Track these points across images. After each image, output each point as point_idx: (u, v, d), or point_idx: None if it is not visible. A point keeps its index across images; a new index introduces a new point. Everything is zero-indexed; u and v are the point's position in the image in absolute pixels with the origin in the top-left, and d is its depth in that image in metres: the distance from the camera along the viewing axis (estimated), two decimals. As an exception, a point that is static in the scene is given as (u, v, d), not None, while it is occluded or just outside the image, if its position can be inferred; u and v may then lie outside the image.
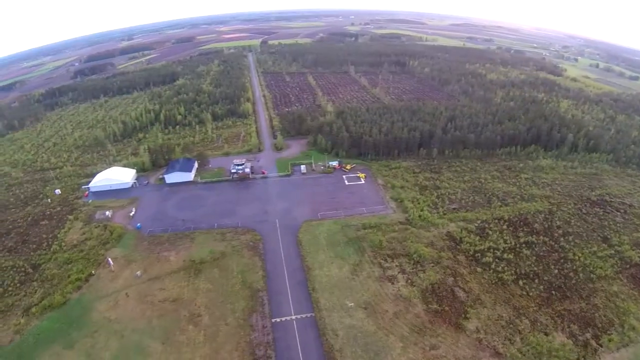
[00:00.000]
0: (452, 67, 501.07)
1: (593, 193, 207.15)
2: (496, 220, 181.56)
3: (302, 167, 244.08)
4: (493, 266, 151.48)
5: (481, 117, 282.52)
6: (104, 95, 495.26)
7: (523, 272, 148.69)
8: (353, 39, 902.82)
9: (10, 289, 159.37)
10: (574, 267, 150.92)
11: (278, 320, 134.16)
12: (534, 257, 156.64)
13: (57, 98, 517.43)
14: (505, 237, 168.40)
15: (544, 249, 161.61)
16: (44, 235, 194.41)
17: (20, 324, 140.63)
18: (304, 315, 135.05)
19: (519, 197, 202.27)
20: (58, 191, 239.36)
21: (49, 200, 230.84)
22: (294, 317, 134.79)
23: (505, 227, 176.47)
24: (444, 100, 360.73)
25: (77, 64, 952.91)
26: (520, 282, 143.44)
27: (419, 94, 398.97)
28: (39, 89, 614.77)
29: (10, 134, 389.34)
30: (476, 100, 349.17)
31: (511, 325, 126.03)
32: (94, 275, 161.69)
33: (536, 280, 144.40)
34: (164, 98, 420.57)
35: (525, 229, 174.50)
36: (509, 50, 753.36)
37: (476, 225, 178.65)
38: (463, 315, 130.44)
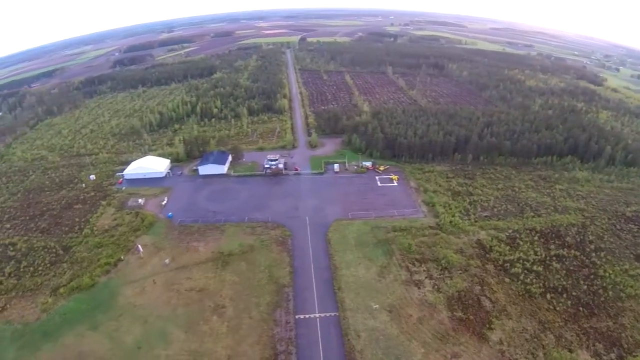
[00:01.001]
0: (490, 71, 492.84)
1: (629, 209, 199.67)
2: (528, 231, 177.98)
3: (336, 165, 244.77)
4: (521, 277, 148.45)
5: (518, 124, 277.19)
6: (142, 86, 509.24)
7: (551, 285, 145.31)
8: (392, 39, 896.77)
9: (40, 268, 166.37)
10: (604, 284, 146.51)
11: (302, 317, 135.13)
12: (564, 271, 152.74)
13: (96, 86, 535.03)
14: (535, 249, 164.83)
15: (574, 263, 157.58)
16: (77, 219, 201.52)
17: (47, 303, 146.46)
18: (327, 314, 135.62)
19: (552, 208, 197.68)
20: (93, 177, 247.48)
21: (84, 185, 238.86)
22: (317, 315, 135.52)
23: (536, 238, 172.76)
24: (481, 105, 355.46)
25: (117, 53, 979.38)
26: (548, 296, 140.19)
27: (456, 97, 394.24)
28: (78, 77, 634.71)
29: (49, 119, 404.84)
30: (514, 107, 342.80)
31: (535, 340, 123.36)
32: (122, 260, 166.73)
33: (564, 295, 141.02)
34: (201, 91, 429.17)
35: (556, 242, 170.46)
36: (549, 57, 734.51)
37: (507, 234, 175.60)
38: (487, 326, 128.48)
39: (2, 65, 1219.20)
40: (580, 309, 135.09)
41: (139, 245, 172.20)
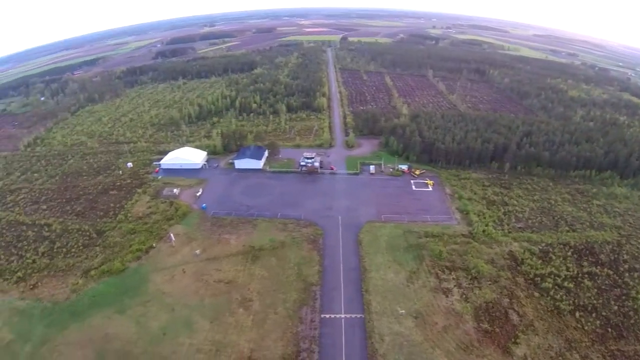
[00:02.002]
0: (532, 79, 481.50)
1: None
2: (561, 245, 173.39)
3: (372, 167, 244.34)
4: (551, 293, 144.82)
5: (558, 135, 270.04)
6: (183, 78, 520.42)
7: (581, 303, 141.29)
8: (433, 42, 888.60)
9: (73, 250, 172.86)
10: (635, 306, 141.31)
11: (327, 316, 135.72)
12: (595, 290, 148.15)
13: (138, 76, 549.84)
14: (568, 264, 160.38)
15: (606, 282, 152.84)
16: (112, 205, 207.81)
17: (78, 284, 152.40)
18: (353, 315, 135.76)
19: (588, 223, 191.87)
20: (130, 164, 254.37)
21: (121, 172, 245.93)
22: (343, 316, 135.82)
23: (569, 253, 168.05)
24: (522, 113, 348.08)
25: (159, 45, 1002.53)
26: (577, 314, 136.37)
27: (496, 104, 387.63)
28: (120, 66, 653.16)
29: (90, 106, 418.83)
30: (554, 117, 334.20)
31: (560, 358, 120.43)
32: (154, 248, 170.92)
33: (593, 314, 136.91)
34: (241, 85, 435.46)
35: (590, 259, 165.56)
36: (593, 67, 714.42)
37: (540, 247, 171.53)
38: (513, 340, 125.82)
39: (46, 52, 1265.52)
40: (609, 330, 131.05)
41: (171, 234, 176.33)
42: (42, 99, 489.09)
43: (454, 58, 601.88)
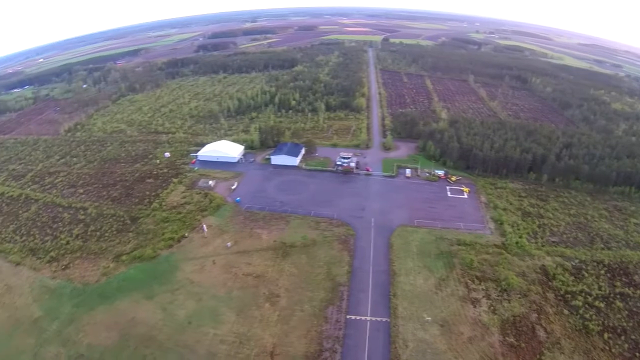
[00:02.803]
0: (575, 90, 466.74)
1: None
2: (595, 263, 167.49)
3: (408, 170, 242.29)
4: (581, 311, 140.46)
5: (599, 148, 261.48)
6: (223, 72, 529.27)
7: (611, 324, 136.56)
8: (476, 47, 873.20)
9: (106, 234, 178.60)
10: None
11: (352, 317, 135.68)
12: (626, 312, 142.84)
13: (179, 68, 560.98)
14: (600, 283, 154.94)
15: (638, 304, 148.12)
16: (147, 192, 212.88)
17: (108, 268, 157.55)
18: (379, 319, 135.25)
19: (624, 242, 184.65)
20: (167, 154, 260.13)
21: (158, 161, 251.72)
22: (368, 318, 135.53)
23: (602, 272, 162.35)
24: (562, 124, 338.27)
25: (201, 38, 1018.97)
26: (605, 335, 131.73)
27: (537, 113, 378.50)
28: (162, 58, 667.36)
29: (131, 95, 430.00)
30: (596, 130, 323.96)
31: None
32: (186, 237, 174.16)
33: (622, 337, 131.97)
34: (281, 82, 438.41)
35: (623, 279, 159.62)
36: (638, 80, 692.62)
37: (573, 264, 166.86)
38: (538, 357, 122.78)
39: (89, 41, 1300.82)
40: (637, 354, 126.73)
41: (204, 225, 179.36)
42: (85, 86, 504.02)
43: (496, 64, 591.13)
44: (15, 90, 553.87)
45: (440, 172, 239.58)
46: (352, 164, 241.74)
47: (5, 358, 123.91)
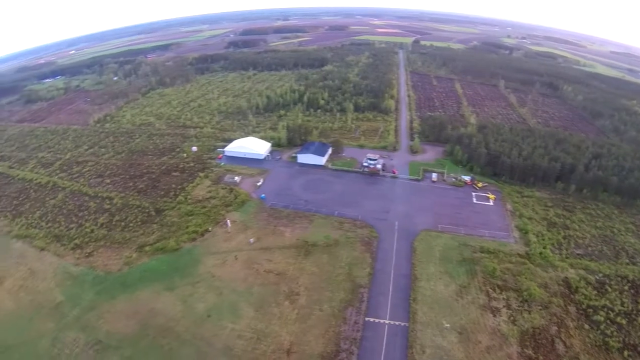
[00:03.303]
0: (607, 99, 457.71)
1: None
2: (619, 278, 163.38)
3: (434, 174, 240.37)
4: (602, 327, 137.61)
5: (629, 160, 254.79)
6: (253, 69, 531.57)
7: (632, 342, 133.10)
8: (507, 52, 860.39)
9: (131, 225, 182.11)
10: None
11: (371, 320, 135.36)
12: None
13: (209, 64, 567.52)
14: (623, 299, 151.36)
15: None
16: (173, 185, 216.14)
17: (131, 258, 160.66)
18: (397, 323, 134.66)
19: None
20: (195, 149, 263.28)
21: (185, 155, 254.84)
22: (387, 322, 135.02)
23: (626, 287, 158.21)
24: (593, 134, 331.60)
25: (232, 35, 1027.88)
26: (625, 353, 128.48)
27: (567, 122, 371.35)
28: (192, 53, 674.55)
29: (161, 89, 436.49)
30: (627, 141, 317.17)
31: None
32: (210, 231, 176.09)
33: None
34: (310, 81, 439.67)
35: None
36: None
37: (597, 277, 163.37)
38: None
39: (121, 34, 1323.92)
40: None
41: (228, 220, 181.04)
42: (115, 78, 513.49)
43: (527, 70, 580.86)
44: (47, 80, 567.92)
45: (467, 178, 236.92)
46: (379, 166, 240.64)
47: (25, 340, 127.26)
